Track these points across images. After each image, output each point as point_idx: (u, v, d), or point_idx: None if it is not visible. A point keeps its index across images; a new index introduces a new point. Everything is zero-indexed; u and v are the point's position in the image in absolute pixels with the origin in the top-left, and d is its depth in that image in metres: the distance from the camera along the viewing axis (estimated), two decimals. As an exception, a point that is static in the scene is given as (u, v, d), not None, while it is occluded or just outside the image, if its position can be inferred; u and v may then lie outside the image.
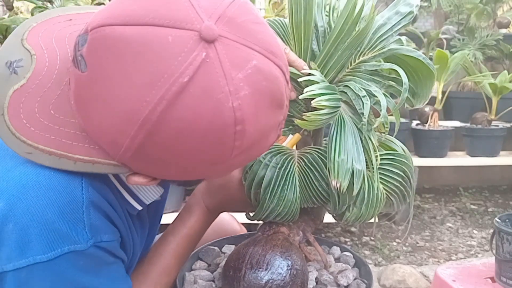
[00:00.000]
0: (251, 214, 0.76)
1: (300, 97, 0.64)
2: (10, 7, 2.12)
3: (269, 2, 2.56)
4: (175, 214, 0.81)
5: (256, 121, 0.52)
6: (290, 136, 0.79)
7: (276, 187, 0.69)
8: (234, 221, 1.02)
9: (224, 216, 1.00)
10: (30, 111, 0.56)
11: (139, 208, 0.68)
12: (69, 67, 0.56)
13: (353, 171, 0.65)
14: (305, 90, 0.63)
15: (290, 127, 0.79)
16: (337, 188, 0.65)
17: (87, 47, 0.51)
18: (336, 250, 0.86)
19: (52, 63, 0.58)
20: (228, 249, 0.85)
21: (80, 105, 0.54)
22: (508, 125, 2.77)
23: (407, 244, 2.46)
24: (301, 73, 0.67)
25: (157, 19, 0.49)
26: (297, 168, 0.71)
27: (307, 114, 0.63)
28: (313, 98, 0.63)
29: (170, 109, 0.48)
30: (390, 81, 0.70)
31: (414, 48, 0.71)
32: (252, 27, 0.52)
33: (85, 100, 0.53)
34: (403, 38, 0.73)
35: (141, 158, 0.53)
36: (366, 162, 0.68)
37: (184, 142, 0.50)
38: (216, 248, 0.84)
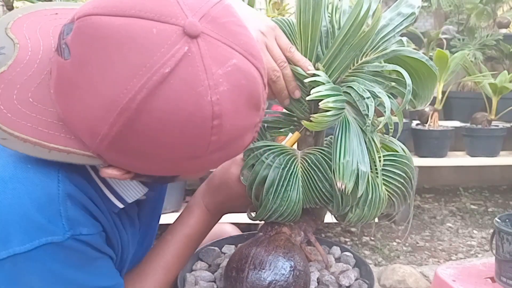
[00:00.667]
0: (253, 214, 0.76)
1: (307, 98, 0.64)
2: (10, 7, 2.12)
3: (269, 2, 2.56)
4: (175, 214, 0.80)
5: (233, 117, 0.53)
6: (290, 134, 0.79)
7: (279, 188, 0.69)
8: (236, 232, 1.02)
9: (226, 228, 1.01)
10: (9, 97, 0.56)
11: (120, 205, 0.68)
12: (51, 57, 0.56)
13: (358, 173, 0.65)
14: (312, 91, 0.64)
15: (291, 127, 0.79)
16: (342, 190, 0.65)
17: (72, 35, 0.52)
18: (336, 250, 0.86)
19: (34, 52, 0.58)
20: (228, 249, 0.85)
21: (61, 93, 0.54)
22: (508, 125, 2.77)
23: (407, 244, 2.46)
24: (306, 73, 0.67)
25: (143, 12, 0.50)
26: (300, 169, 0.71)
27: (315, 115, 0.64)
28: (319, 99, 0.64)
29: (150, 98, 0.49)
30: (392, 82, 0.70)
31: (414, 49, 0.72)
32: (234, 29, 0.54)
33: (66, 87, 0.53)
34: (404, 39, 0.74)
35: (117, 148, 0.53)
36: (370, 163, 0.68)
37: (161, 133, 0.50)
38: (216, 248, 0.84)
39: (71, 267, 0.60)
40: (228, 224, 1.02)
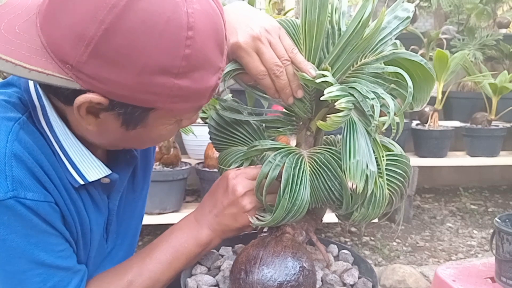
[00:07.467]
0: (256, 220, 0.72)
1: (322, 98, 0.65)
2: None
3: (269, 2, 2.57)
4: (175, 214, 0.80)
5: (203, 38, 0.59)
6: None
7: (293, 187, 0.69)
8: None
9: None
10: None
11: (80, 181, 0.69)
12: (40, 4, 0.62)
13: (367, 173, 0.66)
14: (325, 91, 0.64)
15: (290, 127, 0.79)
16: (354, 189, 0.65)
17: None
18: (333, 248, 0.86)
19: (23, 1, 0.63)
20: (226, 251, 0.84)
21: (50, 16, 0.59)
22: (508, 125, 2.77)
23: (407, 244, 2.46)
24: (308, 74, 0.68)
25: None
26: (308, 168, 0.71)
27: (331, 116, 0.64)
28: (324, 99, 0.64)
29: None
30: (392, 84, 0.71)
31: (413, 49, 0.72)
32: None
33: (57, 8, 0.58)
34: (397, 41, 0.74)
35: (99, 53, 0.56)
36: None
37: (142, 35, 0.56)
38: (214, 250, 0.83)
39: (13, 232, 0.62)
40: None
